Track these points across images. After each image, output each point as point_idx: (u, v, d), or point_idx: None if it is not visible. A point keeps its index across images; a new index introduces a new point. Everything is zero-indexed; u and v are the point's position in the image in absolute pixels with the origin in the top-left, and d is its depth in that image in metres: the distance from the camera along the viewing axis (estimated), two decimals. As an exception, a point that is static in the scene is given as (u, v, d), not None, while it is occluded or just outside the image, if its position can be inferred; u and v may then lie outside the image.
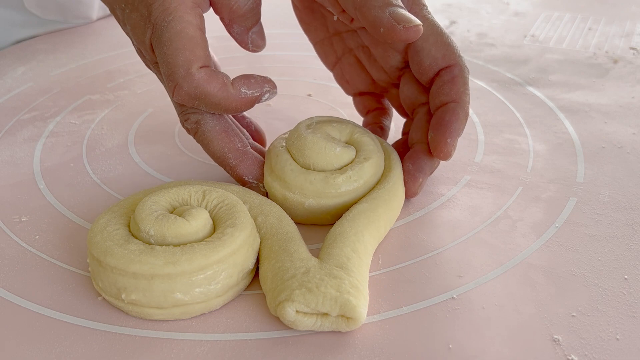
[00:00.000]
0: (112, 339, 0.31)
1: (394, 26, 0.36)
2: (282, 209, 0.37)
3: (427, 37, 0.40)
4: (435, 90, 0.40)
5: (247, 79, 0.38)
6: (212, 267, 0.31)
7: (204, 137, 0.39)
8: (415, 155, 0.40)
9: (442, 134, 0.39)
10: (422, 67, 0.40)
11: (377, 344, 0.30)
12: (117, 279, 0.31)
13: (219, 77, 0.37)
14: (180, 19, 0.36)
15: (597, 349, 0.30)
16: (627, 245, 0.37)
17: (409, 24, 0.36)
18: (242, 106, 0.38)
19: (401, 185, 0.39)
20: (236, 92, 0.37)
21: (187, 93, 0.36)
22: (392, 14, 0.36)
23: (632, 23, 0.73)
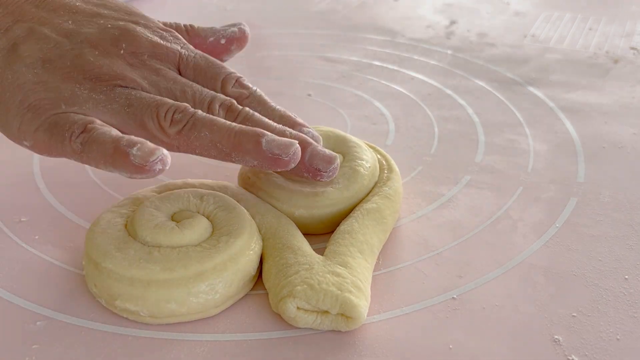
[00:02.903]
0: (111, 339, 0.31)
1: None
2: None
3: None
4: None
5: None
6: (210, 275, 0.31)
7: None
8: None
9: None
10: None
11: (377, 344, 0.30)
12: (112, 284, 0.31)
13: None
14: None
15: (597, 349, 0.30)
16: (627, 245, 0.37)
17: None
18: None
19: (401, 186, 0.39)
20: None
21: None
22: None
23: (632, 23, 0.73)
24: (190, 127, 0.33)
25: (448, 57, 0.64)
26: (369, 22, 0.75)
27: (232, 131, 0.33)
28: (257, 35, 0.72)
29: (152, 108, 0.34)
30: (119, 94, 0.34)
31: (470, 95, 0.56)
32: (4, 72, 0.35)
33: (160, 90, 0.36)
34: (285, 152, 0.33)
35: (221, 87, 0.37)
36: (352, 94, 0.57)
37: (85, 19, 0.38)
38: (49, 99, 0.34)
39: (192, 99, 0.36)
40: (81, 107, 0.34)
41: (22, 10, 0.37)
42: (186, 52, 0.38)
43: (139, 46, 0.37)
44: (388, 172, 0.40)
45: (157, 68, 0.37)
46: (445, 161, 0.46)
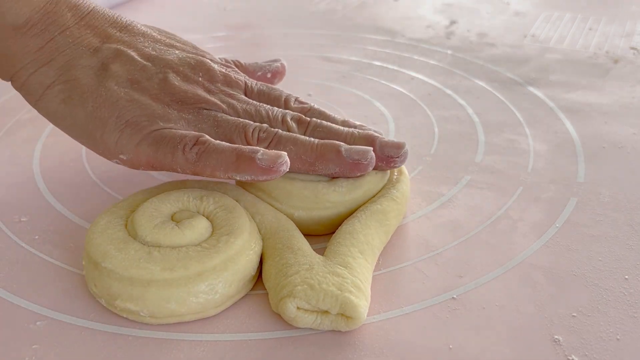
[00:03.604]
0: (111, 339, 0.31)
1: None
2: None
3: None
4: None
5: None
6: (210, 275, 0.31)
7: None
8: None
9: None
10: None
11: (377, 344, 0.30)
12: (112, 284, 0.31)
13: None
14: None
15: (597, 349, 0.30)
16: (627, 245, 0.37)
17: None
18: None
19: (408, 189, 0.39)
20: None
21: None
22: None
23: (632, 23, 0.73)
24: (276, 143, 0.37)
25: (448, 57, 0.64)
26: (369, 22, 0.75)
27: (314, 144, 0.37)
28: (257, 35, 0.72)
29: (239, 128, 0.37)
30: (206, 115, 0.38)
31: (470, 95, 0.56)
32: (98, 89, 0.37)
33: (238, 111, 0.39)
34: (364, 157, 0.36)
35: (284, 105, 0.41)
36: (352, 94, 0.57)
37: (164, 48, 0.41)
38: (145, 116, 0.36)
39: (266, 115, 0.39)
40: (176, 124, 0.37)
41: (108, 33, 0.40)
42: (249, 82, 0.42)
43: (214, 75, 0.40)
44: (398, 174, 0.40)
45: (231, 93, 0.40)
46: (445, 161, 0.46)
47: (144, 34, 0.41)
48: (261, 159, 0.34)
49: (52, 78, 0.37)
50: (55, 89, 0.37)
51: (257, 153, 0.34)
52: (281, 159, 0.34)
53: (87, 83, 0.37)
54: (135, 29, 0.41)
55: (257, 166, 0.34)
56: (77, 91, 0.37)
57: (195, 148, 0.35)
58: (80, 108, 0.36)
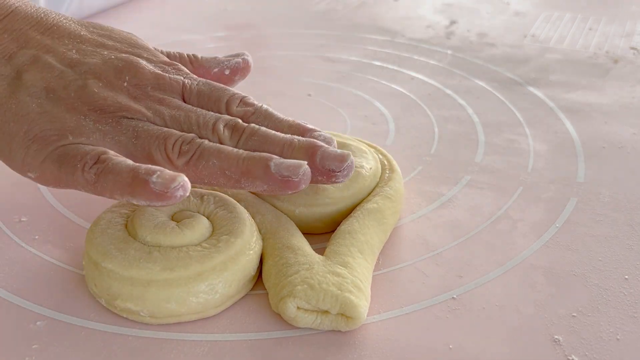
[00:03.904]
0: (111, 339, 0.31)
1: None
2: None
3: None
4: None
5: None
6: (210, 275, 0.31)
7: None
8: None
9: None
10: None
11: (377, 344, 0.30)
12: (112, 284, 0.31)
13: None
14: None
15: (597, 349, 0.30)
16: (627, 245, 0.37)
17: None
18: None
19: (402, 186, 0.39)
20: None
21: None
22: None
23: (632, 23, 0.73)
24: (198, 157, 0.33)
25: (448, 57, 0.64)
26: (369, 22, 0.75)
27: (240, 158, 0.33)
28: (257, 35, 0.72)
29: (159, 140, 0.34)
30: (126, 125, 0.34)
31: (470, 95, 0.56)
32: (8, 102, 0.34)
33: (165, 119, 0.35)
34: (295, 173, 0.32)
35: (226, 108, 0.37)
36: (352, 94, 0.57)
37: (90, 49, 0.38)
38: (54, 130, 0.33)
39: (196, 123, 0.35)
40: (88, 138, 0.34)
41: (27, 37, 0.37)
42: (189, 81, 0.38)
43: (142, 78, 0.37)
44: (390, 172, 0.40)
45: (161, 98, 0.36)
46: (445, 161, 0.46)
47: (70, 34, 0.38)
48: (155, 182, 0.30)
49: None
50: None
51: (152, 175, 0.30)
52: (176, 182, 0.30)
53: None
54: (62, 29, 0.38)
55: (150, 190, 0.30)
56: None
57: (95, 167, 0.31)
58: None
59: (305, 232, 0.36)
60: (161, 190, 0.30)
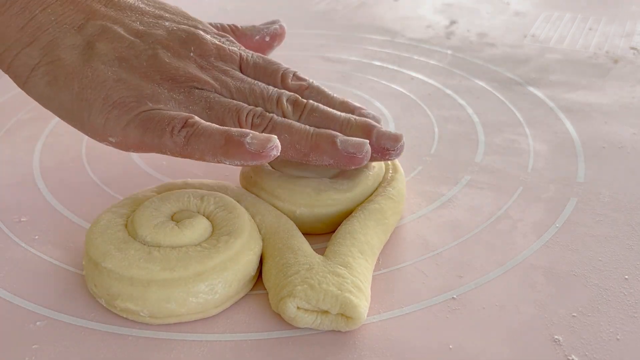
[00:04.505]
0: (111, 339, 0.31)
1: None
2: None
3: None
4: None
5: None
6: (209, 275, 0.31)
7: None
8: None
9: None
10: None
11: (377, 344, 0.30)
12: (112, 284, 0.31)
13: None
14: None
15: (597, 349, 0.30)
16: (627, 245, 0.37)
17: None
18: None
19: (404, 187, 0.39)
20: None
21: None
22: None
23: (632, 23, 0.73)
24: (270, 129, 0.35)
25: (448, 57, 0.64)
26: (369, 22, 0.75)
27: (309, 133, 0.35)
28: (257, 35, 0.72)
29: (232, 112, 0.35)
30: (198, 96, 0.36)
31: (470, 95, 0.56)
32: (83, 70, 0.35)
33: (231, 90, 0.37)
34: (360, 150, 0.35)
35: (281, 81, 0.39)
36: (352, 94, 0.57)
37: (152, 21, 0.39)
38: (133, 97, 0.34)
39: (260, 96, 0.37)
40: (165, 105, 0.35)
41: (92, 9, 0.38)
42: (245, 54, 0.40)
43: (206, 49, 0.38)
44: (393, 172, 0.40)
45: (225, 69, 0.38)
46: (445, 161, 0.46)
47: (131, 6, 0.39)
48: (250, 143, 0.32)
49: (36, 59, 0.35)
50: (40, 71, 0.35)
51: (246, 137, 0.32)
52: (271, 143, 0.32)
53: (72, 63, 0.35)
54: (122, 2, 0.39)
55: (246, 150, 0.32)
56: (62, 72, 0.35)
57: (184, 131, 0.33)
58: (66, 90, 0.35)
59: (306, 232, 0.36)
60: (257, 149, 0.32)
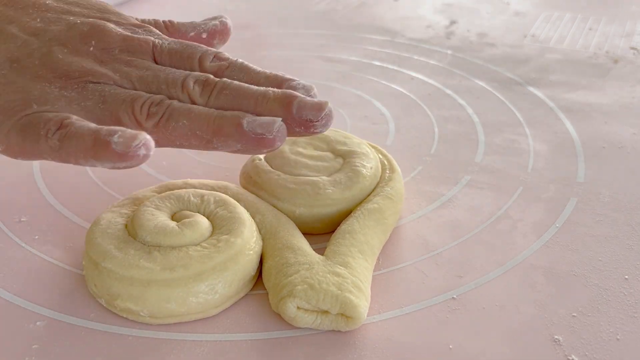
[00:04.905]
0: (111, 339, 0.31)
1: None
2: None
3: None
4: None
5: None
6: (210, 275, 0.31)
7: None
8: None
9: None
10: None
11: (377, 344, 0.30)
12: (112, 284, 0.31)
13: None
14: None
15: (597, 349, 0.30)
16: (627, 245, 0.37)
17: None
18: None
19: (402, 186, 0.39)
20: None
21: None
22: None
23: (632, 23, 0.73)
24: (167, 118, 0.32)
25: (448, 57, 0.64)
26: (369, 22, 0.75)
27: (211, 116, 0.32)
28: (257, 35, 0.72)
29: (127, 103, 0.32)
30: (92, 90, 0.33)
31: (470, 95, 0.56)
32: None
33: (133, 80, 0.34)
34: (269, 130, 0.31)
35: (199, 65, 0.35)
36: (352, 94, 0.57)
37: (55, 17, 0.37)
38: (18, 100, 0.32)
39: (164, 81, 0.34)
40: (53, 105, 0.32)
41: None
42: (159, 41, 0.36)
43: (110, 41, 0.35)
44: (390, 172, 0.40)
45: (129, 60, 0.35)
46: (445, 161, 0.46)
47: (34, 3, 0.37)
48: (117, 142, 0.29)
49: None
50: None
51: (113, 136, 0.29)
52: (137, 141, 0.29)
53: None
54: (25, 0, 0.37)
55: (112, 151, 0.29)
56: None
57: (58, 133, 0.30)
58: None
59: (305, 232, 0.36)
60: (123, 150, 0.29)
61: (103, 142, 0.29)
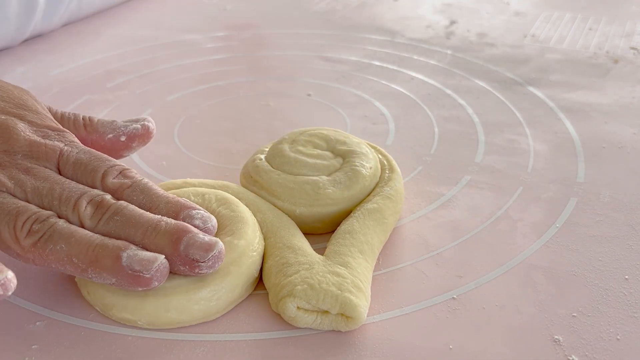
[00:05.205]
0: (111, 339, 0.31)
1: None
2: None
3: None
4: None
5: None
6: (212, 280, 0.31)
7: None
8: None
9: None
10: None
11: (377, 344, 0.30)
12: (105, 294, 0.31)
13: None
14: None
15: (597, 349, 0.30)
16: (627, 246, 0.37)
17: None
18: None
19: (402, 186, 0.39)
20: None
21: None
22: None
23: (632, 23, 0.73)
24: (46, 239, 0.30)
25: (448, 57, 0.64)
26: (369, 22, 0.75)
27: (92, 245, 0.30)
28: (257, 35, 0.72)
29: (11, 216, 0.30)
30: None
31: (470, 95, 0.56)
32: None
33: (26, 191, 0.32)
34: (147, 268, 0.29)
35: (101, 180, 0.33)
36: (352, 94, 0.57)
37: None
38: None
39: (58, 197, 0.32)
40: None
41: None
42: (68, 149, 0.35)
43: (14, 144, 0.34)
44: (389, 172, 0.40)
45: (29, 167, 0.33)
46: (445, 161, 0.46)
47: None
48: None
49: None
50: None
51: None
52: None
53: None
54: None
55: None
56: None
57: None
58: None
59: (305, 232, 0.36)
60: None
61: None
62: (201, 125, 0.52)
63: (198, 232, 0.31)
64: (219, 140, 0.49)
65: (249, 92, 0.57)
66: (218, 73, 0.61)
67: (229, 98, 0.56)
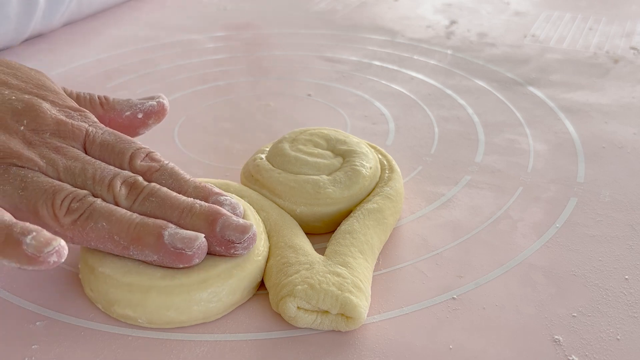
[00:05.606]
0: (111, 339, 0.31)
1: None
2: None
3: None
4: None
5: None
6: (213, 282, 0.31)
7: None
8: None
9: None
10: None
11: (377, 344, 0.30)
12: (109, 290, 0.31)
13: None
14: None
15: (597, 349, 0.30)
16: (627, 246, 0.37)
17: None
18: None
19: (402, 186, 0.39)
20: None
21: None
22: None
23: (632, 23, 0.73)
24: (86, 217, 0.31)
25: (448, 57, 0.64)
26: (369, 22, 0.75)
27: (132, 223, 0.30)
28: (257, 35, 0.72)
29: (47, 194, 0.31)
30: (14, 174, 0.32)
31: (470, 95, 0.56)
32: None
33: (59, 170, 0.32)
34: (189, 246, 0.30)
35: (129, 162, 0.34)
36: (352, 94, 0.57)
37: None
38: None
39: (92, 177, 0.32)
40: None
41: None
42: (93, 129, 0.35)
43: (42, 123, 0.34)
44: (389, 172, 0.40)
45: (58, 146, 0.33)
46: (445, 161, 0.46)
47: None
48: (29, 244, 0.27)
49: None
50: None
51: (27, 235, 0.27)
52: (50, 247, 0.27)
53: None
54: None
55: (22, 252, 0.27)
56: None
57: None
58: None
59: (306, 231, 0.36)
60: (33, 253, 0.27)
61: (14, 240, 0.27)
62: (201, 125, 0.52)
63: (231, 214, 0.32)
64: (219, 140, 0.49)
65: (249, 92, 0.57)
66: (218, 73, 0.61)
67: (229, 98, 0.56)
